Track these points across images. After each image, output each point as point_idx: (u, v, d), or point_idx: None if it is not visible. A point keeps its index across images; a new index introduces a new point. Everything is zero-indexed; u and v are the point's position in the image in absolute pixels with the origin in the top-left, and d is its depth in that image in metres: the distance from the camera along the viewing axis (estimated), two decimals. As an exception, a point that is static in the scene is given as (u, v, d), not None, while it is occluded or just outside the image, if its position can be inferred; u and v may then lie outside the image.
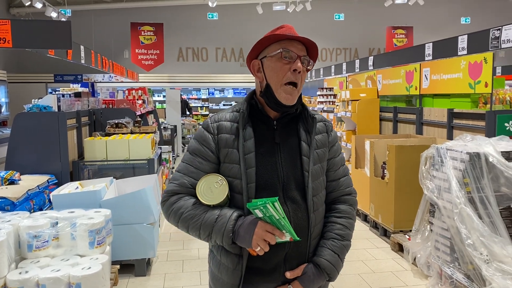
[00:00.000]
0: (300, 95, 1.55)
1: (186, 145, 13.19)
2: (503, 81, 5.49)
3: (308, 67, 1.51)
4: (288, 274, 1.48)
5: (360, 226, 5.22)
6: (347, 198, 1.64)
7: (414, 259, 3.92)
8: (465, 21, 15.76)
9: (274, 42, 1.48)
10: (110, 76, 13.83)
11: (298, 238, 1.39)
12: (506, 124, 4.26)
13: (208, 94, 15.68)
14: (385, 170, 4.76)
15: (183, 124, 12.42)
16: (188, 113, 13.54)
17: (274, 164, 1.49)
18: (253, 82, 1.56)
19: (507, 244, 3.03)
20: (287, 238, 1.37)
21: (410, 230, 4.47)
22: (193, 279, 3.76)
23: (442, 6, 15.79)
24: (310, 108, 1.66)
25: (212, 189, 1.45)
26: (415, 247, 3.88)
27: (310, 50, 1.52)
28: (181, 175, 1.51)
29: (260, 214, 1.35)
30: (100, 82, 13.91)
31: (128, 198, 3.64)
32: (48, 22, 4.12)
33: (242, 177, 1.44)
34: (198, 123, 12.59)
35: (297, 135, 1.55)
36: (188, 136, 12.67)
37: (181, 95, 13.88)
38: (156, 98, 14.21)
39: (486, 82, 4.33)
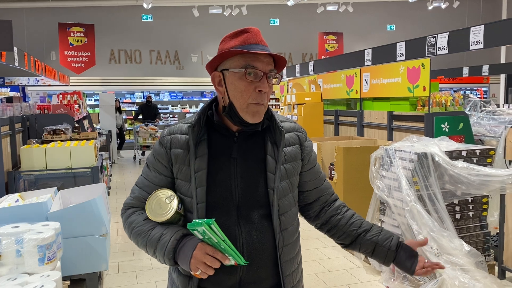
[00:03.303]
0: (268, 107, 1.42)
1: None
2: (437, 85, 5.91)
3: (274, 82, 1.37)
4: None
5: (310, 226, 5.30)
6: (335, 200, 1.59)
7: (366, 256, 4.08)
8: (390, 29, 16.75)
9: (237, 54, 1.33)
10: (36, 79, 12.97)
11: (243, 263, 1.28)
12: (442, 125, 4.58)
13: (143, 98, 15.22)
14: (333, 171, 4.91)
15: (138, 132, 11.09)
16: (156, 118, 12.08)
17: (228, 181, 1.36)
18: (191, 85, 1.47)
19: (454, 237, 3.25)
20: (231, 262, 1.27)
21: (359, 228, 4.66)
22: (149, 291, 3.63)
23: (369, 14, 16.66)
24: (281, 116, 1.54)
25: (162, 205, 1.37)
26: (366, 245, 4.04)
27: (277, 61, 1.38)
28: (137, 188, 1.46)
29: (200, 236, 1.27)
30: (25, 85, 13.00)
31: (78, 209, 3.42)
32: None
33: (192, 196, 1.36)
34: (156, 131, 11.36)
35: (264, 148, 1.40)
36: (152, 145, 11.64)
37: (149, 97, 12.31)
38: (87, 102, 13.55)
39: (424, 86, 4.63)
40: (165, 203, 1.36)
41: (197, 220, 1.24)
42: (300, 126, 1.53)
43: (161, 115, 14.56)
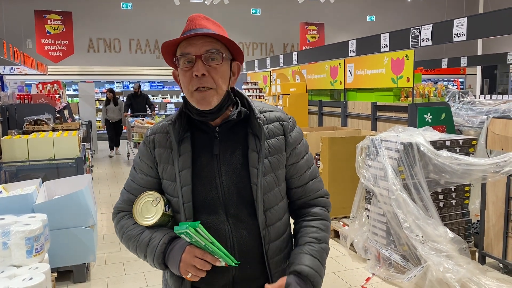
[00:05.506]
0: (230, 95, 1.33)
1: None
2: (420, 76, 6.02)
3: (216, 62, 1.26)
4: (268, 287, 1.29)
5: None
6: (318, 201, 1.45)
7: (351, 244, 4.16)
8: (371, 19, 16.88)
9: (177, 47, 1.28)
10: (12, 68, 12.63)
11: (233, 263, 1.25)
12: (425, 116, 4.68)
13: (123, 87, 15.00)
14: (318, 161, 4.96)
15: (133, 127, 9.55)
16: (149, 111, 10.75)
17: (213, 179, 1.32)
18: (171, 75, 1.41)
19: (438, 225, 3.34)
20: (222, 263, 1.25)
21: (343, 217, 4.74)
22: (138, 281, 3.62)
23: (349, 4, 16.73)
24: (267, 105, 1.44)
25: (149, 208, 1.34)
26: (353, 233, 4.12)
27: (226, 42, 1.29)
28: (125, 191, 1.44)
29: (187, 239, 1.24)
30: (2, 74, 12.63)
31: (65, 200, 3.38)
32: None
33: (179, 195, 1.32)
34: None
35: (246, 142, 1.34)
36: None
37: (138, 86, 10.76)
38: (66, 92, 13.27)
39: (408, 77, 4.71)
40: (151, 206, 1.33)
41: (183, 223, 1.22)
42: (289, 115, 1.44)
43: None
